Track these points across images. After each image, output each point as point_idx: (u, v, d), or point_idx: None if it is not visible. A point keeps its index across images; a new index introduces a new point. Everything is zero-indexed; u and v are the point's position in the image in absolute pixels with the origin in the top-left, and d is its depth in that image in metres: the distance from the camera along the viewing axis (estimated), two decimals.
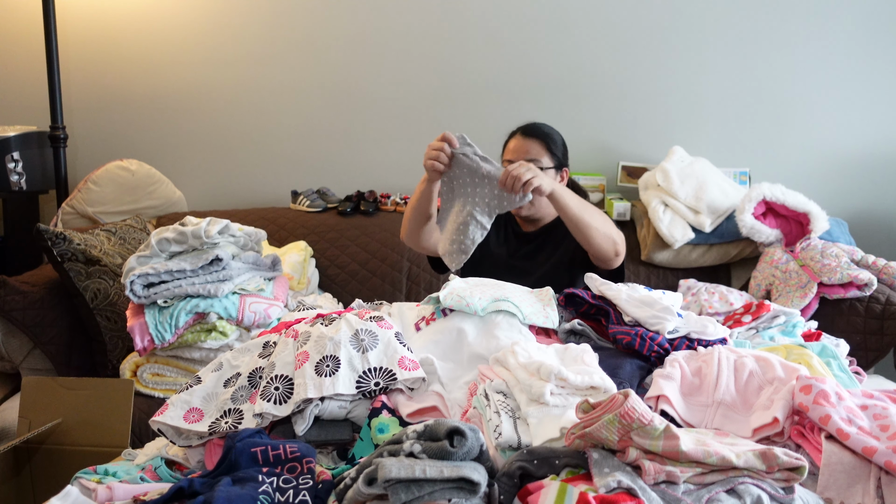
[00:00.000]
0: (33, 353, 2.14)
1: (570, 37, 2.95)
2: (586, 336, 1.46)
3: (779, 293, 2.32)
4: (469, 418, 1.17)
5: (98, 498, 1.08)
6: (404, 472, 0.87)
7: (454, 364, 1.35)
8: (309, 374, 1.22)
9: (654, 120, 2.98)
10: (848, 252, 2.33)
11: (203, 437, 1.23)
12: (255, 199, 3.07)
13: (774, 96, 2.95)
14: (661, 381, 1.22)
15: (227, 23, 2.97)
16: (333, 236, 2.72)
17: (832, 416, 1.02)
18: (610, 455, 0.94)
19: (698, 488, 0.90)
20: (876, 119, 2.94)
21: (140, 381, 2.03)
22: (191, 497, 0.98)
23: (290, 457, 1.04)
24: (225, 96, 3.02)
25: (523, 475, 0.96)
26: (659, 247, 2.62)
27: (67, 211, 2.77)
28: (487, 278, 1.60)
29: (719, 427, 1.15)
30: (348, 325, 1.33)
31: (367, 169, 3.05)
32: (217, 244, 2.03)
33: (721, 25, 2.92)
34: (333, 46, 2.99)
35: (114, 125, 3.03)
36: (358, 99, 3.01)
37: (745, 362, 1.23)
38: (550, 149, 2.02)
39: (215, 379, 1.32)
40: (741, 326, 1.73)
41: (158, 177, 2.89)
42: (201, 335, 1.96)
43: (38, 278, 2.24)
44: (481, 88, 2.99)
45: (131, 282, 1.93)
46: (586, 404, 1.01)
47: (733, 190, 2.69)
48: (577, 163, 2.96)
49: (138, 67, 3.00)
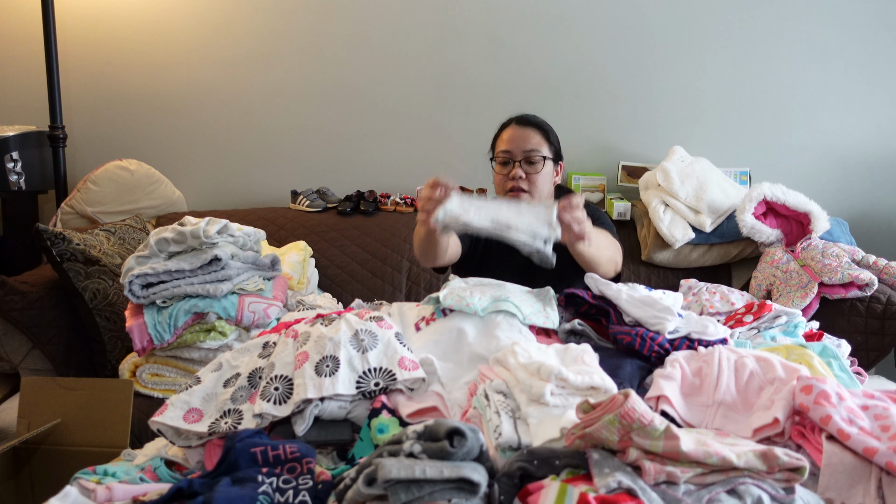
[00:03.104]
0: (32, 354, 2.14)
1: (570, 37, 2.95)
2: (586, 336, 1.45)
3: (779, 293, 2.32)
4: (469, 418, 1.16)
5: (97, 498, 1.07)
6: (404, 472, 0.86)
7: (454, 364, 1.35)
8: (309, 375, 1.22)
9: (654, 120, 2.98)
10: (849, 252, 2.32)
11: (203, 438, 1.23)
12: (255, 199, 3.07)
13: (774, 96, 2.95)
14: (662, 382, 1.22)
15: (226, 23, 2.97)
16: (333, 236, 2.71)
17: (833, 416, 1.01)
18: (610, 455, 0.94)
19: (699, 489, 0.90)
20: (876, 119, 2.94)
21: (139, 381, 2.03)
22: (190, 497, 0.97)
23: (289, 457, 1.04)
24: (225, 96, 3.02)
25: (523, 475, 0.95)
26: (659, 247, 2.62)
27: (67, 211, 2.77)
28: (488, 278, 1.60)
29: (720, 427, 1.15)
30: (348, 325, 1.33)
31: (367, 169, 3.05)
32: (216, 244, 2.02)
33: (721, 25, 2.92)
34: (333, 46, 2.98)
35: (113, 125, 3.03)
36: (358, 99, 3.01)
37: (745, 362, 1.23)
38: (549, 139, 1.94)
39: (215, 379, 1.31)
40: (742, 326, 1.73)
41: (158, 177, 2.89)
42: (200, 335, 1.96)
43: (38, 278, 2.24)
44: (481, 88, 2.99)
45: (130, 282, 1.93)
46: (586, 404, 1.00)
47: (734, 190, 2.69)
48: (577, 163, 2.96)
49: (138, 67, 3.00)
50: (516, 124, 1.94)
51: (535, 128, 1.92)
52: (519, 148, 1.89)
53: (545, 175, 1.92)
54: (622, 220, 2.75)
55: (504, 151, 1.91)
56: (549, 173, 1.94)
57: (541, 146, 1.90)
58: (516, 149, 1.90)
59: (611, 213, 2.78)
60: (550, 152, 1.92)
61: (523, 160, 1.89)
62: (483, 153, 2.01)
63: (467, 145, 2.97)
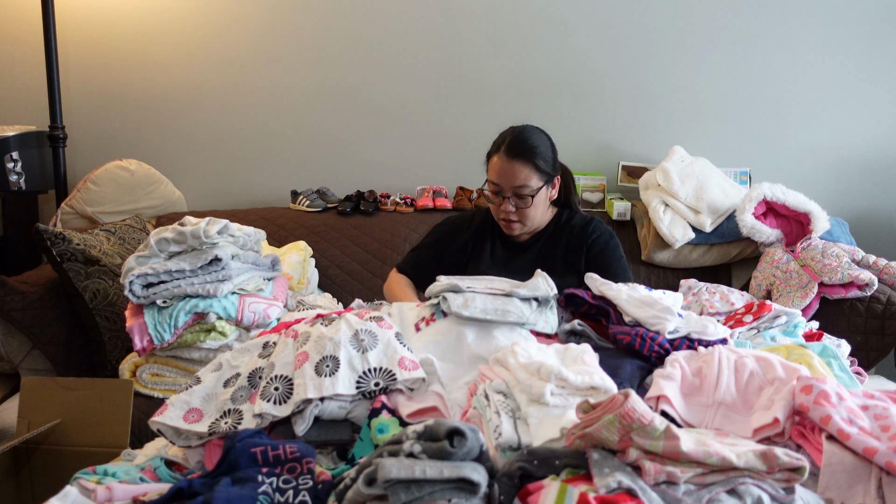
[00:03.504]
0: (32, 354, 2.14)
1: (570, 37, 2.95)
2: (586, 336, 1.45)
3: (779, 293, 2.32)
4: (469, 418, 1.16)
5: (97, 498, 1.07)
6: (404, 472, 0.86)
7: (454, 364, 1.35)
8: (309, 375, 1.22)
9: (654, 120, 2.98)
10: (849, 252, 2.32)
11: (203, 438, 1.23)
12: (255, 199, 3.07)
13: (774, 96, 2.95)
14: (662, 382, 1.22)
15: (226, 23, 2.97)
16: (333, 236, 2.71)
17: (833, 416, 1.01)
18: (610, 455, 0.94)
19: (699, 489, 0.90)
20: (876, 119, 2.95)
21: (139, 381, 2.03)
22: (190, 497, 0.97)
23: (289, 457, 1.04)
24: (225, 96, 3.02)
25: (523, 475, 0.95)
26: (659, 247, 2.62)
27: (67, 211, 2.77)
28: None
29: (720, 427, 1.15)
30: (348, 325, 1.33)
31: (367, 169, 3.05)
32: (216, 244, 2.02)
33: (721, 25, 2.92)
34: (333, 46, 2.98)
35: (113, 125, 3.03)
36: (358, 99, 3.01)
37: (745, 362, 1.23)
38: (538, 167, 1.88)
39: (215, 379, 1.31)
40: (742, 326, 1.73)
41: (158, 177, 2.89)
42: (200, 335, 1.95)
43: (38, 278, 2.23)
44: (481, 89, 2.99)
45: (130, 282, 1.93)
46: (586, 404, 1.00)
47: (734, 190, 2.69)
48: (577, 163, 2.96)
49: (138, 67, 3.00)
50: (505, 156, 1.88)
51: (522, 160, 1.87)
52: (508, 184, 1.89)
53: (537, 205, 1.93)
54: (622, 220, 2.75)
55: (494, 183, 1.92)
56: (541, 201, 1.95)
57: (529, 179, 1.88)
58: (505, 184, 1.89)
59: (611, 213, 2.78)
60: (541, 180, 1.90)
61: (513, 195, 1.90)
62: (484, 153, 2.01)
63: (467, 145, 2.97)
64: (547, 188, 1.94)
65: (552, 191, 1.99)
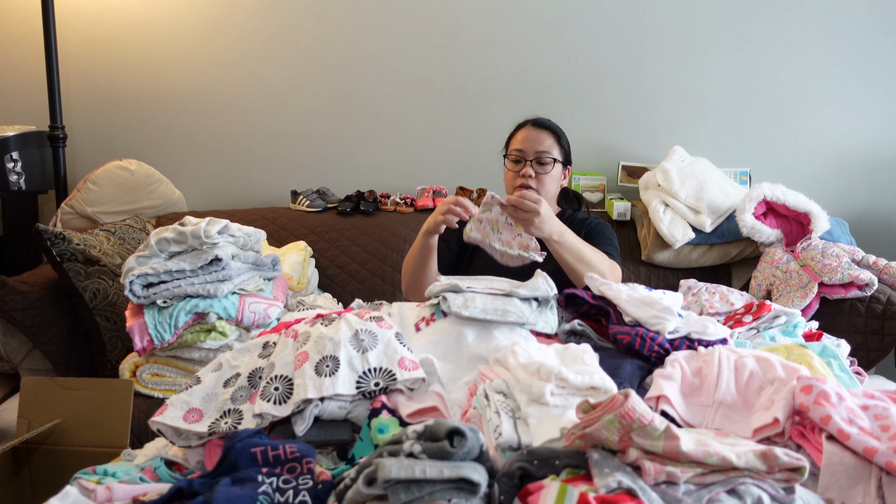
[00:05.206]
0: (32, 354, 2.14)
1: (570, 37, 2.95)
2: (586, 336, 1.45)
3: (779, 293, 2.32)
4: (469, 418, 1.16)
5: (97, 498, 1.07)
6: (404, 472, 0.86)
7: (454, 364, 1.35)
8: (309, 375, 1.22)
9: (654, 120, 2.98)
10: (849, 252, 2.32)
11: (202, 438, 1.23)
12: (255, 199, 3.07)
13: (774, 96, 2.95)
14: (662, 382, 1.22)
15: (227, 23, 2.97)
16: (333, 236, 2.71)
17: (833, 416, 1.01)
18: (610, 455, 0.94)
19: (699, 489, 0.90)
20: (876, 119, 2.95)
21: (139, 381, 2.03)
22: (190, 497, 0.97)
23: (289, 457, 1.04)
24: (225, 96, 3.02)
25: (523, 475, 0.95)
26: (659, 247, 2.62)
27: (67, 211, 2.77)
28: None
29: (720, 427, 1.15)
30: (348, 325, 1.32)
31: (367, 169, 3.05)
32: (216, 244, 2.02)
33: (721, 25, 2.92)
34: (333, 46, 2.98)
35: (113, 125, 3.03)
36: (358, 99, 3.01)
37: (745, 362, 1.23)
38: (561, 143, 2.04)
39: (215, 379, 1.31)
40: (742, 326, 1.73)
41: (158, 177, 2.89)
42: (201, 335, 1.96)
43: (37, 278, 2.24)
44: (481, 89, 2.99)
45: (130, 282, 1.93)
46: (586, 404, 1.00)
47: (734, 190, 2.69)
48: (577, 163, 2.95)
49: (138, 67, 3.00)
50: (531, 126, 2.05)
51: (548, 131, 2.04)
52: (532, 148, 2.00)
53: (553, 176, 2.03)
54: (622, 220, 2.75)
55: (517, 150, 2.02)
56: (557, 175, 2.04)
57: (552, 148, 2.01)
58: (529, 149, 2.00)
59: (611, 213, 2.78)
60: (561, 155, 2.03)
61: (534, 160, 2.00)
62: (484, 153, 2.03)
63: (467, 145, 2.97)
64: (563, 168, 2.06)
65: (563, 178, 2.09)
